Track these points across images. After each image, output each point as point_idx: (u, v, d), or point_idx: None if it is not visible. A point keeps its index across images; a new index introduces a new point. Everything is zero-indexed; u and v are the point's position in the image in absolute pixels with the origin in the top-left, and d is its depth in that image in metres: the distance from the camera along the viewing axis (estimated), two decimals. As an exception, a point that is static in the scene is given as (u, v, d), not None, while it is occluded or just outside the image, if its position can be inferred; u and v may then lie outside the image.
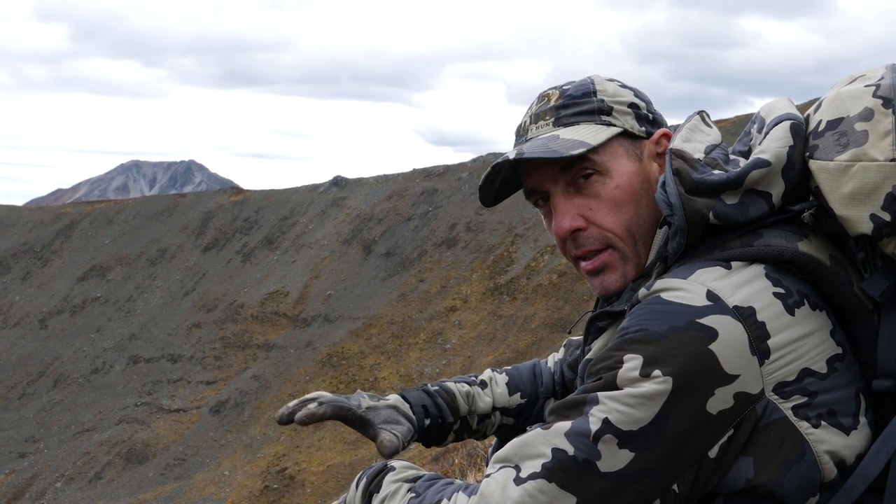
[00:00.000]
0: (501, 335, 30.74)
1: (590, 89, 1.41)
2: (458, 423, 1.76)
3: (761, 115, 1.38)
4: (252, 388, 34.53)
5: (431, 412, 1.70)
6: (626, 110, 1.40)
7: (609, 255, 1.36)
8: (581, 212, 1.36)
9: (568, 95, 1.41)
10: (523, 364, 1.91)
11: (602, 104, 1.39)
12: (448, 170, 41.45)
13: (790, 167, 1.26)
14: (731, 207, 1.24)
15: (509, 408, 1.80)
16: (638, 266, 1.36)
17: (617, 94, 1.41)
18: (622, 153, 1.38)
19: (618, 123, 1.39)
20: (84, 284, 43.24)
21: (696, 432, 1.12)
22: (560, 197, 1.38)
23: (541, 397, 1.84)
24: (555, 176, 1.38)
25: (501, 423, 1.81)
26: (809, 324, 1.18)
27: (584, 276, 1.41)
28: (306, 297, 37.94)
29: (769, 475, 1.14)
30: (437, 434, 1.74)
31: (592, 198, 1.36)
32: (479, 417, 1.78)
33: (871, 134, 1.19)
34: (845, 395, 1.19)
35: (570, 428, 1.13)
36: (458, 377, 1.84)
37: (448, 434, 1.76)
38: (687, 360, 1.11)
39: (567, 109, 1.40)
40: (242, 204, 45.17)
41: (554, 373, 1.88)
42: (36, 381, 38.88)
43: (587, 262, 1.38)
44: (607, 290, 1.38)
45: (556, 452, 1.13)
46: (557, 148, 1.33)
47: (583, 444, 1.12)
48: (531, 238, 34.38)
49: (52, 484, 32.66)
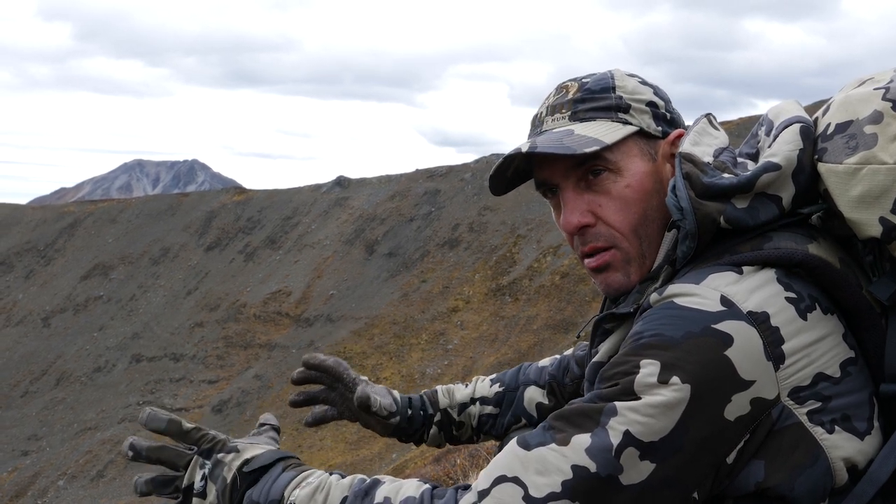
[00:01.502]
0: (503, 336, 30.72)
1: (609, 84, 1.39)
2: (438, 414, 1.88)
3: (769, 118, 1.37)
4: (254, 387, 34.55)
5: (415, 404, 1.86)
6: (643, 108, 1.38)
7: (612, 254, 1.35)
8: (590, 208, 1.35)
9: (587, 89, 1.39)
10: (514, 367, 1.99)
11: (620, 101, 1.37)
12: (451, 170, 41.46)
13: (800, 170, 1.25)
14: (741, 211, 1.23)
15: (487, 397, 1.89)
16: (642, 267, 1.35)
17: (636, 91, 1.39)
18: (636, 152, 1.36)
19: (634, 122, 1.36)
20: (87, 283, 43.28)
21: (714, 439, 1.11)
22: (570, 192, 1.36)
23: (521, 385, 1.89)
24: (566, 171, 1.36)
25: (482, 412, 1.88)
26: (822, 328, 1.18)
27: (589, 273, 1.40)
28: (309, 296, 37.95)
29: (780, 479, 1.13)
30: (420, 427, 1.87)
31: (603, 195, 1.34)
32: (459, 408, 1.89)
33: (881, 137, 1.19)
34: (859, 400, 1.18)
35: (591, 443, 1.10)
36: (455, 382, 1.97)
37: (430, 426, 1.87)
38: (704, 366, 1.10)
39: (584, 104, 1.38)
40: (245, 203, 45.19)
41: (545, 367, 1.90)
42: (39, 380, 38.93)
43: (591, 260, 1.37)
44: (610, 289, 1.37)
45: (577, 470, 1.09)
46: (571, 144, 1.31)
47: (605, 459, 1.09)
48: (534, 239, 34.37)
49: (55, 482, 32.69)
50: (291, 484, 1.25)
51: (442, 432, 1.89)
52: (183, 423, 1.34)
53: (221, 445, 1.33)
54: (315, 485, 1.24)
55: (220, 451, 1.32)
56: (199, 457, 1.33)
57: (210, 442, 1.34)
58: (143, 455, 1.33)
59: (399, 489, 1.20)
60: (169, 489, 1.33)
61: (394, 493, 1.19)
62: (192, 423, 1.35)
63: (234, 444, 1.34)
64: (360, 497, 1.20)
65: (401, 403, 1.84)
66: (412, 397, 1.88)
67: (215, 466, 1.31)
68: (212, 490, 1.30)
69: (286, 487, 1.25)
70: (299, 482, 1.25)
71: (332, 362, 1.85)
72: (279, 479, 1.27)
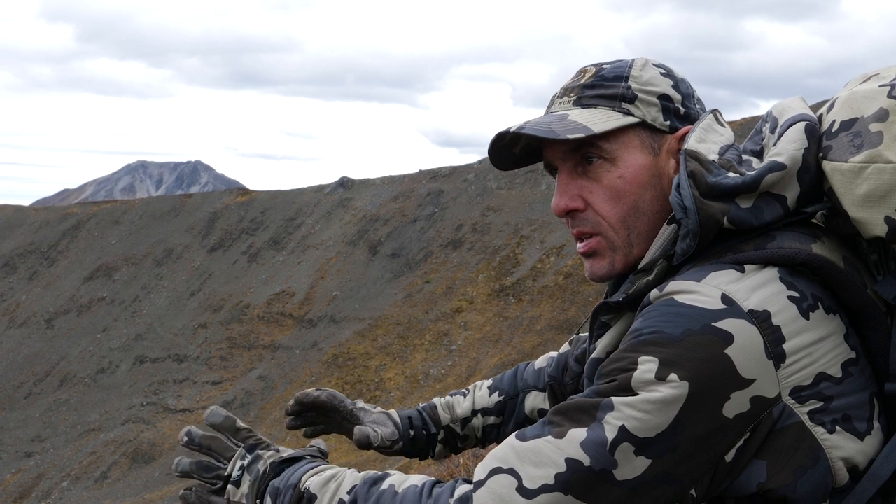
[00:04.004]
0: (507, 336, 30.71)
1: (623, 73, 1.37)
2: (441, 432, 1.88)
3: (774, 115, 1.35)
4: (258, 388, 34.56)
5: (416, 424, 1.85)
6: (652, 101, 1.36)
7: (598, 241, 1.36)
8: (581, 193, 1.35)
9: (600, 76, 1.38)
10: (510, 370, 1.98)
11: (627, 91, 1.35)
12: (454, 171, 41.44)
13: (805, 170, 1.24)
14: (745, 211, 1.22)
15: (489, 408, 1.88)
16: (628, 256, 1.35)
17: (651, 82, 1.37)
18: (636, 144, 1.34)
19: (637, 114, 1.35)
20: (90, 284, 43.32)
21: (712, 437, 1.10)
22: (565, 175, 1.37)
23: (520, 392, 1.89)
24: (564, 154, 1.36)
25: (485, 423, 1.88)
26: (824, 328, 1.17)
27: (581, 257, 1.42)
28: (312, 297, 37.96)
29: (782, 480, 1.13)
30: (425, 447, 1.86)
31: (595, 182, 1.34)
32: (461, 423, 1.89)
33: (886, 135, 1.17)
34: (860, 400, 1.17)
35: (586, 437, 1.10)
36: (452, 392, 1.96)
37: (435, 445, 1.87)
38: (703, 364, 1.10)
39: (592, 90, 1.37)
40: (249, 204, 45.21)
41: (542, 368, 1.89)
42: (42, 381, 38.97)
43: (580, 245, 1.39)
44: (595, 275, 1.38)
45: (570, 463, 1.09)
46: (557, 129, 1.31)
47: (599, 453, 1.09)
48: (537, 239, 34.35)
49: (59, 483, 32.73)
50: (310, 472, 1.31)
51: (447, 447, 1.90)
52: (237, 421, 1.44)
53: (266, 445, 1.42)
54: (331, 474, 1.29)
55: (263, 449, 1.41)
56: (243, 450, 1.41)
57: (256, 440, 1.43)
58: (195, 442, 1.42)
59: (405, 479, 1.23)
60: (210, 475, 1.40)
61: (399, 483, 1.22)
62: (245, 424, 1.45)
63: (276, 446, 1.43)
64: (368, 484, 1.24)
65: (402, 428, 1.83)
66: (412, 416, 1.86)
67: (254, 460, 1.38)
68: (246, 480, 1.37)
69: (304, 474, 1.31)
70: (317, 471, 1.31)
71: (326, 396, 1.84)
72: (300, 469, 1.33)
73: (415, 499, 1.18)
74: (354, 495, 1.23)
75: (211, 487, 1.40)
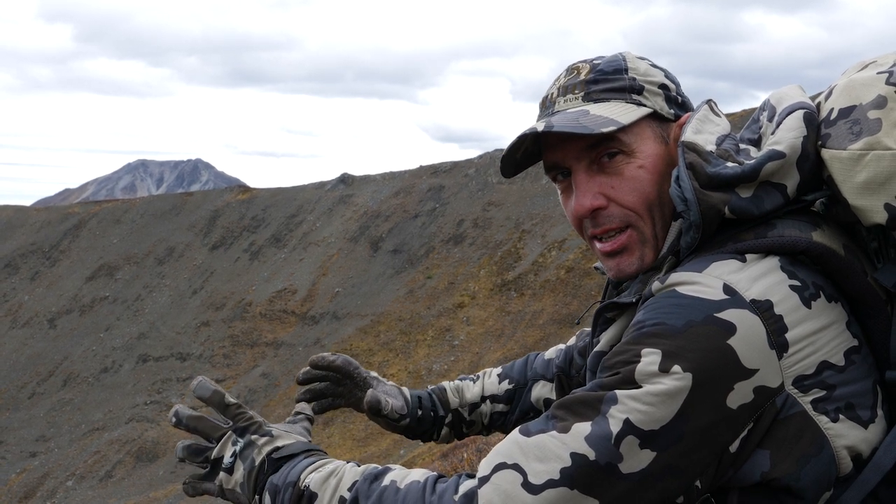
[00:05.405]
0: (509, 331, 30.72)
1: (621, 66, 1.37)
2: (449, 415, 1.88)
3: (771, 103, 1.34)
4: (261, 385, 34.62)
5: (425, 404, 1.85)
6: (656, 91, 1.37)
7: (629, 235, 1.33)
8: (603, 190, 1.33)
9: (599, 70, 1.37)
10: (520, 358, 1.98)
11: (633, 82, 1.36)
12: (455, 166, 41.44)
13: (805, 158, 1.23)
14: (746, 201, 1.21)
15: (498, 395, 1.89)
16: (655, 250, 1.33)
17: (648, 73, 1.38)
18: (650, 134, 1.34)
19: (648, 104, 1.35)
20: (92, 284, 43.37)
21: (716, 427, 1.10)
22: (582, 174, 1.34)
23: (529, 381, 1.89)
24: (579, 153, 1.34)
25: (494, 410, 1.88)
26: (826, 316, 1.16)
27: (600, 258, 1.38)
28: (314, 294, 38.00)
29: (786, 469, 1.12)
30: (430, 428, 1.86)
31: (615, 176, 1.32)
32: (469, 408, 1.89)
33: (885, 122, 1.17)
34: (863, 388, 1.17)
35: (591, 431, 1.09)
36: (461, 376, 1.96)
37: (442, 427, 1.87)
38: (706, 355, 1.09)
39: (598, 84, 1.36)
40: (250, 202, 45.24)
41: (551, 359, 1.89)
42: (46, 381, 39.03)
43: (605, 244, 1.35)
44: (623, 273, 1.35)
45: (576, 457, 1.08)
46: (588, 124, 1.29)
47: (604, 447, 1.08)
48: (538, 234, 34.35)
49: (63, 482, 32.80)
50: (309, 468, 1.28)
51: (453, 431, 1.90)
52: (226, 396, 1.39)
53: (257, 427, 1.37)
54: (330, 469, 1.26)
55: (255, 433, 1.36)
56: (233, 433, 1.37)
57: (246, 421, 1.38)
58: (182, 423, 1.39)
59: (406, 475, 1.21)
60: (199, 458, 1.38)
61: (400, 478, 1.20)
62: (235, 399, 1.39)
63: (268, 428, 1.37)
64: (369, 480, 1.22)
65: (411, 404, 1.84)
66: (421, 396, 1.87)
67: (247, 446, 1.34)
68: (239, 468, 1.33)
69: (303, 471, 1.28)
70: (316, 467, 1.28)
71: (341, 361, 1.84)
72: (299, 465, 1.30)
73: (418, 495, 1.16)
74: (356, 492, 1.21)
75: (201, 472, 1.38)
